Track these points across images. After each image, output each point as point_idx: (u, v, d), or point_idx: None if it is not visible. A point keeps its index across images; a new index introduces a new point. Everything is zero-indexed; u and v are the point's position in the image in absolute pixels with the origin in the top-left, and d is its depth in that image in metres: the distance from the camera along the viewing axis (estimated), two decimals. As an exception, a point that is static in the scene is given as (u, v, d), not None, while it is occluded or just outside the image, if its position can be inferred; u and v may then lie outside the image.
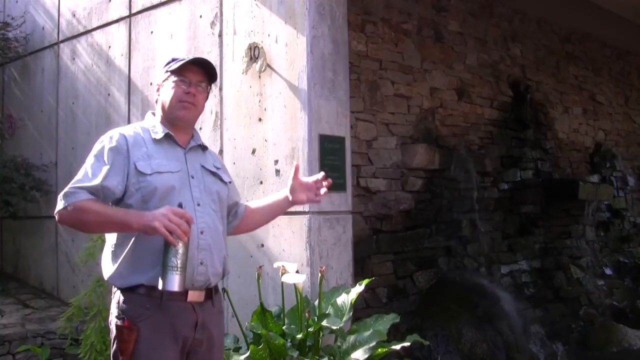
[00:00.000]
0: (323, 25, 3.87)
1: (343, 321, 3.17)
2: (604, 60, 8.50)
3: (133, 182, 2.19)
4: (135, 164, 2.20)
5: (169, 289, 2.05)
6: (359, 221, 4.81)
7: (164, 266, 2.06)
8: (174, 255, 2.05)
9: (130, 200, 2.19)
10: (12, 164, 5.73)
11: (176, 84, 2.33)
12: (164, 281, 2.05)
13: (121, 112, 5.05)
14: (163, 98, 2.35)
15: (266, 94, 3.95)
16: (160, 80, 2.38)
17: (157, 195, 2.18)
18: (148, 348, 2.10)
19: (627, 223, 8.00)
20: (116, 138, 2.24)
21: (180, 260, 2.05)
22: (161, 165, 2.23)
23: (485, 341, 4.69)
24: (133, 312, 2.13)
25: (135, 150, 2.23)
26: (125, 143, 2.23)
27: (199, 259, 2.23)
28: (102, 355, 3.98)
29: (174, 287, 2.06)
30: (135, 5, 4.98)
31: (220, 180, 2.43)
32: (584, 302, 6.30)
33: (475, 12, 6.32)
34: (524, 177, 6.46)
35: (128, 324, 2.10)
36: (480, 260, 5.65)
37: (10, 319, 4.89)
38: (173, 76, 2.34)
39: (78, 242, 5.28)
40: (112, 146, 2.22)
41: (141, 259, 2.15)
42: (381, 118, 5.17)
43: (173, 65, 2.35)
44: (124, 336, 2.10)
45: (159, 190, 2.18)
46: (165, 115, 2.34)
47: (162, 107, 2.35)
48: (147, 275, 2.14)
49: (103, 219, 2.13)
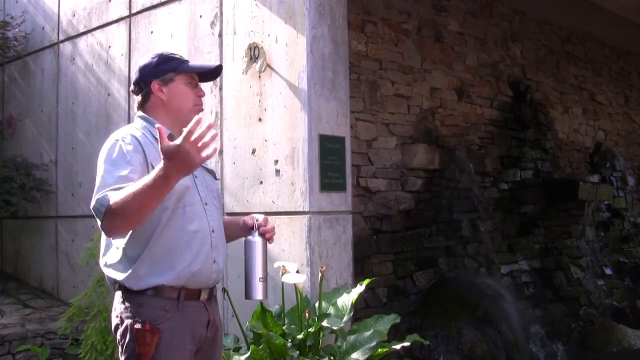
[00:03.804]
0: (323, 25, 3.87)
1: (343, 321, 3.17)
2: (604, 60, 8.50)
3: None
4: (152, 164, 2.12)
5: (255, 298, 2.21)
6: (359, 221, 4.81)
7: (249, 275, 2.21)
8: (261, 266, 2.21)
9: None
10: (12, 163, 5.73)
11: (189, 87, 2.30)
12: (251, 291, 2.22)
13: (121, 112, 5.05)
14: (173, 99, 2.28)
15: (266, 94, 3.95)
16: (158, 79, 2.27)
17: (175, 196, 2.14)
18: (168, 350, 2.08)
19: (627, 223, 8.00)
20: (129, 139, 2.15)
21: (264, 271, 2.22)
22: None
23: (485, 341, 4.69)
24: (153, 315, 2.09)
25: (148, 150, 2.17)
26: (139, 143, 2.16)
27: (212, 258, 2.23)
28: (102, 355, 3.98)
29: (260, 295, 2.23)
30: (135, 5, 4.98)
31: (215, 178, 2.45)
32: (584, 302, 6.29)
33: (475, 12, 6.32)
34: (524, 177, 6.46)
35: (150, 327, 2.07)
36: (480, 260, 5.65)
37: (10, 319, 4.89)
38: (181, 77, 2.29)
39: (78, 242, 5.29)
40: (129, 146, 2.13)
41: (159, 261, 2.12)
42: (381, 118, 5.17)
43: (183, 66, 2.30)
44: (147, 339, 2.06)
45: (176, 190, 2.11)
46: (175, 116, 2.28)
47: (169, 108, 2.28)
48: (167, 277, 2.12)
49: (142, 195, 1.90)
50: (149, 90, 2.29)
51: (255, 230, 2.33)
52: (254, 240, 2.31)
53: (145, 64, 2.32)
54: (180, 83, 2.29)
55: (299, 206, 3.72)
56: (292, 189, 3.76)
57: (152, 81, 2.28)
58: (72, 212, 5.47)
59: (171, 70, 2.29)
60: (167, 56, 2.33)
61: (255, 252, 2.29)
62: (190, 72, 2.34)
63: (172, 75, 2.29)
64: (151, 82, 2.28)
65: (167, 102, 2.28)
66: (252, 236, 2.32)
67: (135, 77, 2.33)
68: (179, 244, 2.15)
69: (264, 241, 2.32)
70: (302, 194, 3.72)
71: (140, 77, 2.31)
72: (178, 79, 2.29)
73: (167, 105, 2.28)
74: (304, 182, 3.71)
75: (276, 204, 3.85)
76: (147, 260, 2.12)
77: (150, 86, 2.28)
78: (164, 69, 2.29)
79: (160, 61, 2.31)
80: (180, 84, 2.29)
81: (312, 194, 3.70)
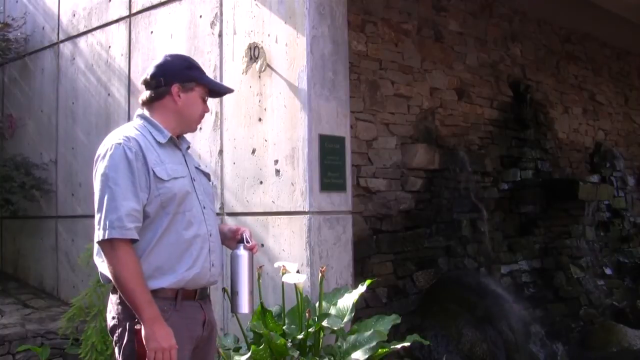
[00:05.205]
0: (323, 25, 3.87)
1: (344, 322, 3.17)
2: (604, 60, 8.50)
3: (152, 188, 2.14)
4: (153, 170, 2.14)
5: (242, 311, 2.27)
6: (359, 221, 4.81)
7: (237, 289, 2.25)
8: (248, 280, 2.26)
9: (149, 207, 2.13)
10: (12, 162, 5.73)
11: (202, 100, 2.33)
12: (238, 305, 2.26)
13: (121, 112, 5.05)
14: (186, 107, 2.29)
15: (266, 94, 3.95)
16: (181, 83, 2.28)
17: (176, 201, 2.16)
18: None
19: (627, 223, 8.01)
20: (132, 144, 2.14)
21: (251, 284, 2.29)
22: (175, 171, 2.21)
23: (485, 341, 4.70)
24: None
25: (148, 155, 2.16)
26: (140, 148, 2.15)
27: (210, 262, 2.26)
28: (102, 355, 3.98)
29: (246, 309, 2.28)
30: (135, 5, 4.98)
31: (209, 180, 2.46)
32: (584, 302, 6.29)
33: (475, 12, 6.32)
34: (524, 177, 6.46)
35: None
36: (480, 260, 5.65)
37: (10, 319, 4.88)
38: (199, 88, 2.31)
39: (78, 242, 5.29)
40: (132, 155, 2.11)
41: (160, 264, 2.14)
42: (381, 118, 5.17)
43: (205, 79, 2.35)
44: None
45: (177, 196, 2.16)
46: (181, 122, 2.30)
47: (180, 114, 2.29)
48: (167, 280, 2.14)
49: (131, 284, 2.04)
50: (167, 90, 2.28)
51: (242, 244, 2.33)
52: (241, 254, 2.32)
53: (170, 63, 2.32)
54: (197, 94, 2.32)
55: (299, 206, 3.72)
56: (292, 189, 3.76)
57: (174, 84, 2.27)
58: (72, 212, 5.47)
59: (194, 79, 2.31)
60: (192, 63, 2.35)
61: (243, 266, 2.30)
62: (211, 88, 2.38)
63: (193, 85, 2.30)
64: (173, 84, 2.27)
65: (181, 108, 2.29)
66: (238, 250, 2.33)
67: (154, 71, 2.29)
68: (180, 248, 2.17)
69: (251, 255, 2.33)
70: (302, 194, 3.72)
71: (163, 74, 2.28)
72: (197, 90, 2.31)
73: (179, 111, 2.29)
74: (304, 182, 3.71)
75: (276, 204, 3.85)
76: (148, 264, 2.13)
77: (170, 87, 2.27)
78: (188, 76, 2.30)
79: (187, 66, 2.33)
80: (196, 95, 2.31)
81: (312, 194, 3.70)
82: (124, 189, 2.07)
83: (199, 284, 2.24)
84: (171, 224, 2.16)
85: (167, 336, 2.04)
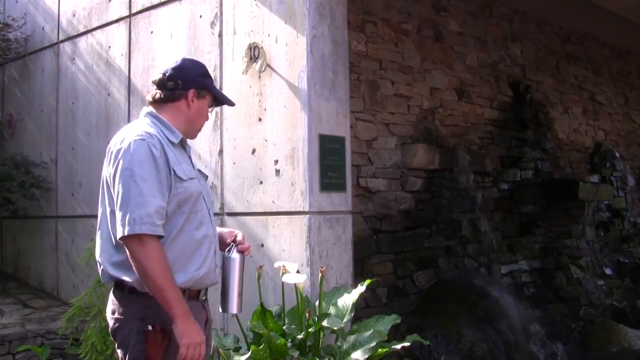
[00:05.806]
0: (323, 25, 3.87)
1: (344, 322, 3.17)
2: (604, 60, 8.50)
3: (172, 187, 2.14)
4: (174, 169, 2.15)
5: (232, 312, 2.30)
6: (359, 221, 4.81)
7: (227, 290, 2.28)
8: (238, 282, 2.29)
9: (167, 206, 2.13)
10: (11, 162, 5.73)
11: (207, 110, 2.37)
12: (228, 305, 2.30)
13: (121, 112, 5.04)
14: (195, 113, 2.32)
15: (266, 94, 3.95)
16: (198, 88, 2.30)
17: (191, 201, 2.19)
18: (177, 351, 2.09)
19: (627, 223, 8.01)
20: (155, 141, 2.14)
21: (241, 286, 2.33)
22: (190, 171, 2.23)
23: (485, 341, 4.69)
24: (160, 317, 2.10)
25: (169, 153, 2.18)
26: (162, 146, 2.16)
27: (215, 263, 2.28)
28: (102, 355, 3.98)
29: (236, 310, 2.32)
30: (135, 5, 4.98)
31: (206, 180, 2.49)
32: (584, 302, 6.29)
33: (475, 12, 6.32)
34: (524, 177, 6.46)
35: (161, 328, 2.09)
36: (480, 260, 5.65)
37: (10, 319, 4.88)
38: (209, 97, 2.34)
39: (78, 242, 5.29)
40: (157, 152, 2.12)
41: (172, 264, 2.12)
42: (381, 118, 5.17)
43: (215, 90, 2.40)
44: (158, 341, 2.09)
45: (193, 196, 2.19)
46: (188, 127, 2.32)
47: (188, 119, 2.31)
48: (178, 279, 2.14)
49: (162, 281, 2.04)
50: (184, 94, 2.29)
51: (233, 246, 2.36)
52: (233, 257, 2.36)
53: (189, 67, 2.33)
54: (206, 103, 2.35)
55: (299, 206, 3.72)
56: (292, 189, 3.76)
57: (191, 89, 2.29)
58: (72, 212, 5.47)
59: (207, 87, 2.34)
60: (207, 72, 2.39)
61: (235, 269, 2.34)
62: (219, 98, 2.42)
63: (205, 93, 2.33)
64: (190, 88, 2.29)
65: (192, 113, 2.31)
66: (230, 253, 2.36)
67: (172, 73, 2.29)
68: (191, 248, 2.19)
69: (242, 257, 2.36)
70: (302, 194, 3.72)
71: (182, 77, 2.29)
72: (207, 98, 2.35)
73: (190, 115, 2.31)
74: (304, 182, 3.71)
75: (276, 204, 3.85)
76: None
77: (187, 91, 2.28)
78: (203, 84, 2.33)
79: (202, 73, 2.36)
80: (205, 104, 2.35)
81: (312, 194, 3.70)
82: (151, 185, 2.07)
83: (204, 284, 2.26)
84: (185, 224, 2.18)
85: (198, 331, 2.08)
